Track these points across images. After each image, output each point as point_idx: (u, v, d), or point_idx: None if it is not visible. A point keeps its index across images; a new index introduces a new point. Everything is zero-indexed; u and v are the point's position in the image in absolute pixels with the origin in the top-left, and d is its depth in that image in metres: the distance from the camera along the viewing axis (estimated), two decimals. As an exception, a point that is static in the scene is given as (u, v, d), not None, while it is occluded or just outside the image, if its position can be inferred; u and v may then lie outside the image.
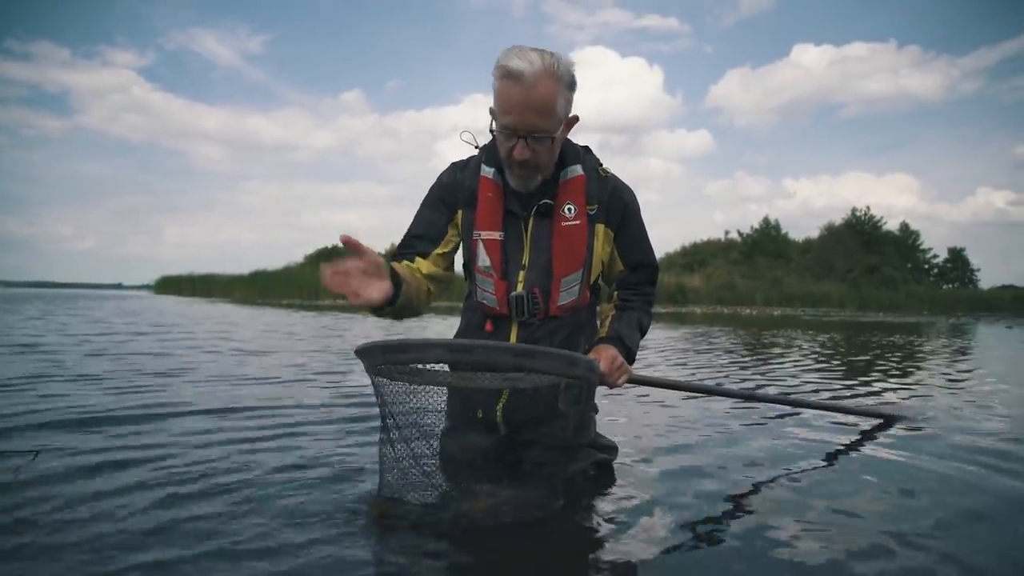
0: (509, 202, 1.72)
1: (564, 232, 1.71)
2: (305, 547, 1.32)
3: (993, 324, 14.68)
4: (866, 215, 35.24)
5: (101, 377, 3.56)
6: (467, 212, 1.74)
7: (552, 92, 1.54)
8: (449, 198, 1.76)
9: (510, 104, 1.54)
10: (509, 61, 1.51)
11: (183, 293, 30.20)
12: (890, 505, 1.70)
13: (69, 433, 2.23)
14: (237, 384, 3.47)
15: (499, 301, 1.73)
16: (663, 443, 2.30)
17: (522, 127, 1.55)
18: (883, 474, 1.96)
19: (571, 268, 1.72)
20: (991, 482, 1.90)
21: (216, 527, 1.41)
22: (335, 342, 6.39)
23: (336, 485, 1.73)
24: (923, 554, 1.36)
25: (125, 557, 1.26)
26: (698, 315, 17.47)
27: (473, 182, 1.73)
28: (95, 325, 8.07)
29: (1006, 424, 2.80)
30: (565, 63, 1.56)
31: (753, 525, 1.52)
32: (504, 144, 1.60)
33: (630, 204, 1.79)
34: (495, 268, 1.71)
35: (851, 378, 4.33)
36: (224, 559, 1.26)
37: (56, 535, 1.35)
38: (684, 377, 4.18)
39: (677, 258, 35.32)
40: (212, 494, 1.62)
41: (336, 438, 2.26)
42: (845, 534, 1.46)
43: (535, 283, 1.72)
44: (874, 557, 1.34)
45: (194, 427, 2.38)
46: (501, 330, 1.76)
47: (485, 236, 1.71)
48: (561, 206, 1.71)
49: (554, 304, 1.73)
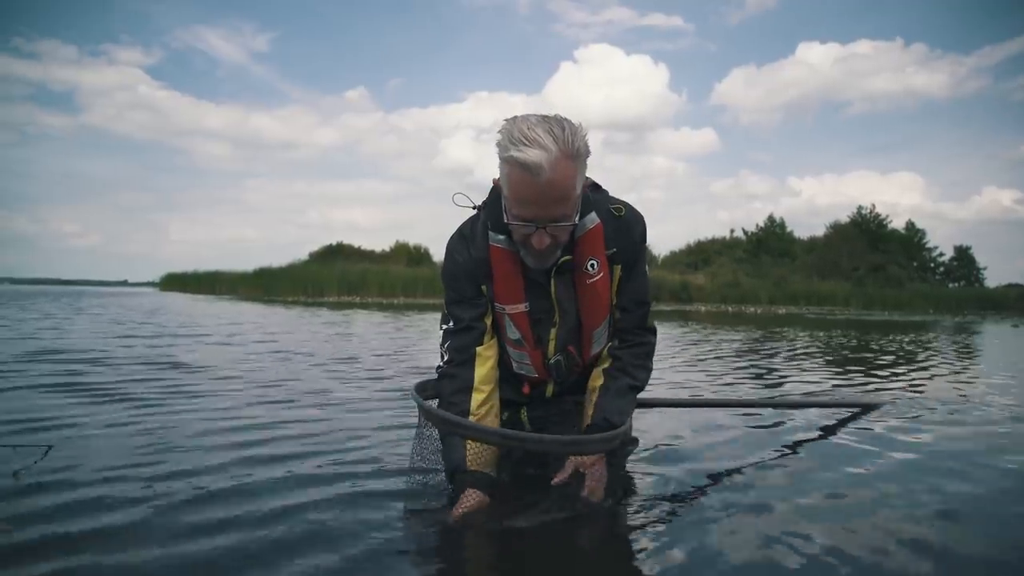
0: (527, 268, 1.61)
1: (590, 288, 1.64)
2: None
3: (999, 323, 14.59)
4: (871, 213, 35.15)
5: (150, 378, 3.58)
6: (488, 284, 1.64)
7: (571, 176, 1.40)
8: (473, 275, 1.64)
9: (525, 197, 1.41)
10: (520, 152, 1.35)
11: (188, 290, 30.28)
12: (875, 492, 1.70)
13: (88, 430, 2.25)
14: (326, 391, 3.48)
15: (537, 369, 1.72)
16: (662, 443, 2.30)
17: (542, 219, 1.44)
18: (867, 462, 1.98)
19: (600, 319, 1.69)
20: (976, 468, 1.90)
21: (228, 520, 1.43)
22: (397, 342, 6.40)
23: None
24: (906, 543, 1.36)
25: (136, 551, 1.27)
26: (703, 313, 17.44)
27: (484, 254, 1.62)
28: (124, 326, 8.09)
29: (998, 413, 2.80)
30: (580, 135, 1.41)
31: (737, 516, 1.52)
32: (519, 231, 1.49)
33: (638, 241, 1.69)
34: (527, 340, 1.67)
35: (849, 374, 4.32)
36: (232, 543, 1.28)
37: (66, 528, 1.36)
38: (681, 382, 4.18)
39: (682, 256, 35.28)
40: (229, 492, 1.64)
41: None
42: (833, 525, 1.47)
43: (567, 341, 1.70)
44: (863, 548, 1.35)
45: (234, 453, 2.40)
46: (538, 390, 1.79)
47: (510, 310, 1.64)
48: (584, 263, 1.61)
49: (587, 356, 1.73)
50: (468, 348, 1.65)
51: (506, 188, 1.44)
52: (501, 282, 1.62)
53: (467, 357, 1.65)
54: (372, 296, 23.79)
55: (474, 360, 1.64)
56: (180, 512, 1.48)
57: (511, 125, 1.40)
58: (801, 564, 1.29)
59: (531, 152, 1.34)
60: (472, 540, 1.40)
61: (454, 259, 1.66)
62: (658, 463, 2.01)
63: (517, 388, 1.78)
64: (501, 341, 1.70)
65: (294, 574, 1.20)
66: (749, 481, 1.84)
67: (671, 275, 26.64)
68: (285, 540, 1.34)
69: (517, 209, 1.44)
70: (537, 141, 1.35)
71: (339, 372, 3.97)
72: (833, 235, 34.97)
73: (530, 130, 1.36)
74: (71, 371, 3.63)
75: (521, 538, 1.40)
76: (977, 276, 35.60)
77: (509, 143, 1.38)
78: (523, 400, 1.81)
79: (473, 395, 1.62)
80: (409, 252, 33.10)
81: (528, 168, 1.35)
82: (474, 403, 1.61)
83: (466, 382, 1.63)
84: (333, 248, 34.89)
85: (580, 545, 1.41)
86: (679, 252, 35.80)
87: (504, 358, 1.73)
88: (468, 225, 1.69)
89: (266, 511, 1.49)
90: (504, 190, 1.46)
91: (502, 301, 1.63)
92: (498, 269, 1.61)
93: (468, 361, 1.65)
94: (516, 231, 1.49)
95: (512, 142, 1.37)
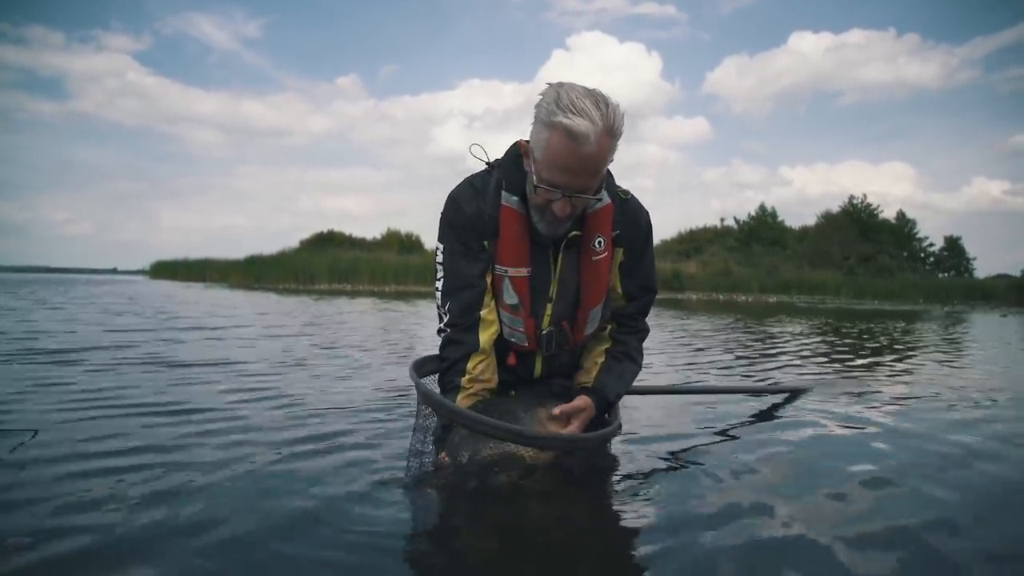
0: (535, 233, 1.60)
1: (593, 266, 1.64)
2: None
3: (988, 312, 14.73)
4: (863, 203, 35.24)
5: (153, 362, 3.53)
6: (490, 242, 1.61)
7: (607, 152, 1.43)
8: (479, 229, 1.61)
9: (564, 164, 1.41)
10: (570, 120, 1.35)
11: (178, 278, 30.08)
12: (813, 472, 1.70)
13: (74, 414, 2.21)
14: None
15: (528, 338, 1.69)
16: (647, 431, 2.28)
17: (572, 188, 1.45)
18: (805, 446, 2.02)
19: (597, 299, 1.68)
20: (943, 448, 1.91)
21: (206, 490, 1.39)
22: (398, 333, 6.36)
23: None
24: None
25: (122, 539, 1.23)
26: (694, 301, 17.48)
27: (495, 211, 1.59)
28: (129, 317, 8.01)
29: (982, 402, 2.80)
30: (620, 114, 1.42)
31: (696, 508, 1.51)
32: (543, 195, 1.48)
33: (645, 228, 1.71)
34: (524, 306, 1.64)
35: (835, 362, 4.32)
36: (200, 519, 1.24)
37: (50, 512, 1.33)
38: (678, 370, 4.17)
39: (674, 244, 35.34)
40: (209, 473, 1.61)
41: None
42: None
43: (562, 316, 1.68)
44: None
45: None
46: (526, 363, 1.76)
47: (512, 273, 1.62)
48: (591, 239, 1.62)
49: (580, 335, 1.72)
50: (472, 309, 1.63)
51: (541, 152, 1.43)
52: (507, 243, 1.60)
53: (472, 321, 1.63)
54: (363, 284, 23.70)
55: (478, 324, 1.63)
56: (166, 500, 1.45)
57: (558, 90, 1.40)
58: (784, 554, 1.27)
59: (579, 121, 1.34)
60: (462, 533, 1.38)
61: (461, 209, 1.62)
62: (640, 447, 2.00)
63: (503, 361, 1.74)
64: (496, 305, 1.67)
65: (286, 566, 1.17)
66: (733, 468, 1.82)
67: (663, 263, 26.74)
68: (276, 530, 1.31)
69: (549, 174, 1.43)
70: (586, 112, 1.35)
71: (335, 362, 3.93)
72: (824, 224, 35.04)
73: (579, 100, 1.37)
74: (57, 359, 3.58)
75: (507, 531, 1.38)
76: (967, 266, 35.80)
77: (557, 108, 1.37)
78: (510, 379, 1.77)
79: (473, 357, 1.63)
80: (401, 240, 32.93)
81: (575, 137, 1.35)
82: (471, 364, 1.62)
83: (472, 347, 1.62)
84: (324, 236, 34.66)
85: (555, 531, 1.39)
86: (671, 241, 35.83)
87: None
88: (479, 179, 1.65)
89: (254, 499, 1.46)
90: (537, 153, 1.45)
91: (505, 263, 1.61)
92: (506, 230, 1.59)
93: (473, 326, 1.63)
94: (540, 195, 1.49)
95: (561, 108, 1.36)
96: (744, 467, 1.83)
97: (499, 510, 1.47)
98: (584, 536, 1.40)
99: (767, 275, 27.47)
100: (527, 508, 1.49)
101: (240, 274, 26.43)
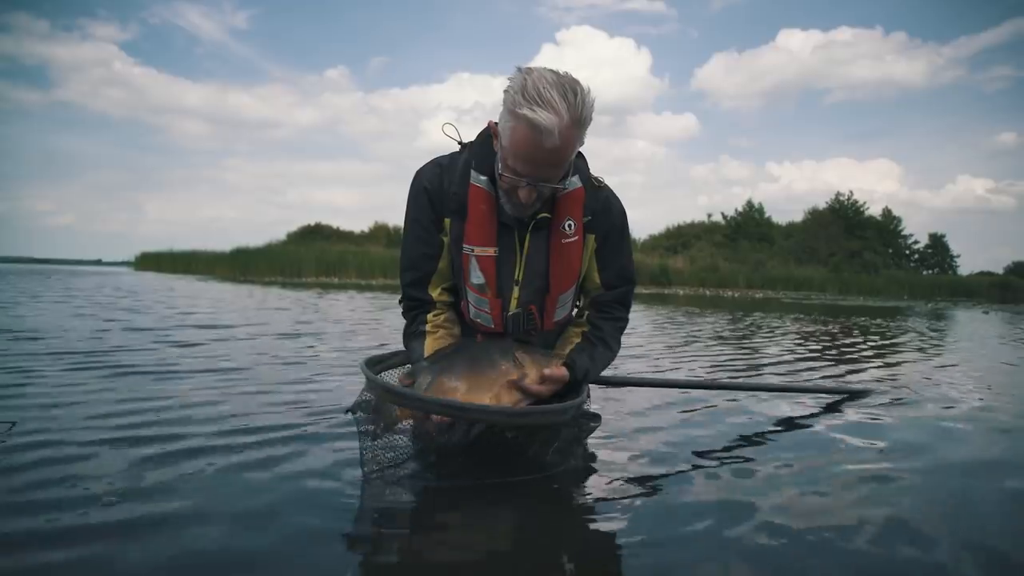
0: (502, 214, 1.59)
1: (563, 249, 1.63)
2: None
3: (970, 309, 14.91)
4: (849, 200, 35.54)
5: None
6: (456, 221, 1.61)
7: (572, 142, 1.41)
8: (437, 207, 1.62)
9: (527, 156, 1.40)
10: (533, 113, 1.33)
11: (163, 270, 29.77)
12: (863, 479, 1.70)
13: (51, 410, 2.17)
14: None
15: (495, 320, 1.67)
16: (635, 424, 2.28)
17: (535, 177, 1.44)
18: (850, 449, 1.99)
19: (567, 285, 1.67)
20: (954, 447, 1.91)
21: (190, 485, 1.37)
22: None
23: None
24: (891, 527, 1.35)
25: (99, 531, 1.21)
26: (681, 296, 17.54)
27: (462, 189, 1.59)
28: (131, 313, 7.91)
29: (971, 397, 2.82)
30: (589, 101, 1.40)
31: (720, 506, 1.50)
32: (508, 180, 1.47)
33: (619, 216, 1.71)
34: (490, 286, 1.63)
35: (825, 358, 4.35)
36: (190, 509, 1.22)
37: (28, 504, 1.30)
38: (662, 363, 4.18)
39: (661, 240, 35.44)
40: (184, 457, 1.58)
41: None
42: (818, 514, 1.45)
43: (530, 300, 1.66)
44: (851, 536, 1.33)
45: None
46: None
47: (479, 252, 1.60)
48: (561, 222, 1.61)
49: (549, 320, 1.70)
50: (420, 285, 1.70)
51: (507, 140, 1.42)
52: (475, 222, 1.59)
53: (424, 298, 1.70)
54: (351, 277, 23.57)
55: (431, 301, 1.70)
56: (144, 495, 1.43)
57: (525, 78, 1.36)
58: (772, 546, 1.27)
59: (544, 115, 1.32)
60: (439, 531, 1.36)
61: (422, 186, 1.64)
62: (623, 441, 2.00)
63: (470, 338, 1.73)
64: (463, 286, 1.67)
65: (264, 561, 1.16)
66: (717, 463, 1.82)
67: (650, 259, 26.80)
68: (254, 525, 1.29)
69: (513, 162, 1.43)
70: (551, 104, 1.33)
71: (318, 353, 3.88)
72: (811, 221, 35.31)
73: (545, 91, 1.34)
74: (33, 349, 3.52)
75: (491, 531, 1.37)
76: (951, 264, 36.24)
77: (523, 98, 1.34)
78: None
79: (432, 312, 1.69)
80: (388, 233, 32.77)
81: (539, 131, 1.34)
82: (431, 316, 1.68)
83: (429, 307, 1.69)
84: (311, 229, 34.40)
85: (534, 523, 1.38)
86: (658, 236, 35.94)
87: (461, 305, 1.71)
88: (447, 158, 1.66)
89: (232, 496, 1.44)
90: (504, 140, 1.44)
91: (472, 241, 1.60)
92: (474, 209, 1.59)
93: (425, 303, 1.70)
94: (504, 180, 1.48)
95: (526, 98, 1.34)
96: (745, 467, 1.84)
97: (485, 511, 1.46)
98: (571, 536, 1.39)
99: (754, 271, 27.61)
100: (510, 507, 1.48)
101: (226, 266, 26.19)
